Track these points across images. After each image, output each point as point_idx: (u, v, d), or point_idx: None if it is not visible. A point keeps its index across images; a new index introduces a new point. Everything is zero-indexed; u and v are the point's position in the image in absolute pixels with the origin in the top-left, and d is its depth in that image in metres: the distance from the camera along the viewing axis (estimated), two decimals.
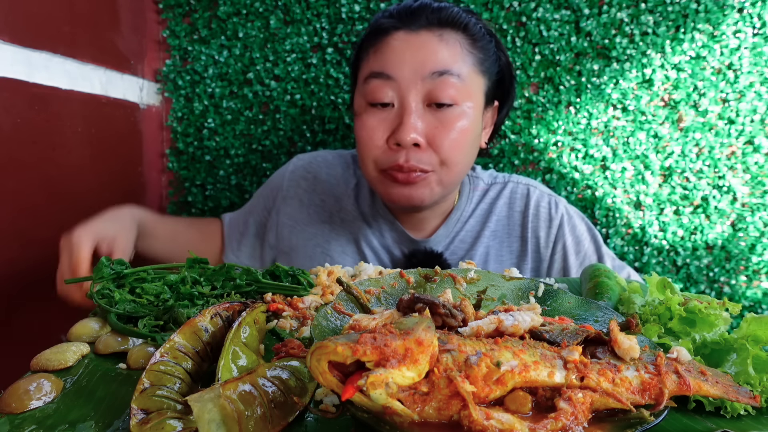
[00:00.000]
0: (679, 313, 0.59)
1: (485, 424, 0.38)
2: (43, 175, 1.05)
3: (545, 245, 1.14)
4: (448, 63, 0.96)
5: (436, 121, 0.97)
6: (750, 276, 1.38)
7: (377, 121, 0.98)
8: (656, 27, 1.33)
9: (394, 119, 0.97)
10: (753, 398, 0.47)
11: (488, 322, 0.48)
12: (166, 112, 1.51)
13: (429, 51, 0.96)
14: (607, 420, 0.43)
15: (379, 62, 0.98)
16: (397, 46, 0.97)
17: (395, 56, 0.97)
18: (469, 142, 1.00)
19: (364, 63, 1.02)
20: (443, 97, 0.95)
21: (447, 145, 0.97)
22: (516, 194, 1.16)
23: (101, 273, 0.71)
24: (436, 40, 0.97)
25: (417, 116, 0.96)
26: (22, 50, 0.98)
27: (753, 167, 1.34)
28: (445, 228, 1.13)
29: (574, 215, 1.16)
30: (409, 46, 0.97)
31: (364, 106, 1.01)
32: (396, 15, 1.00)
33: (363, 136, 1.00)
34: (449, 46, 0.97)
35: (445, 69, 0.95)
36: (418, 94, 0.96)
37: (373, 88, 0.98)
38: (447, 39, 0.97)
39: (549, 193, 1.17)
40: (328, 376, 0.38)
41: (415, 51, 0.96)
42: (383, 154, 0.99)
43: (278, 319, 0.68)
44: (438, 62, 0.95)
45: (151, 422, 0.42)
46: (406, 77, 0.96)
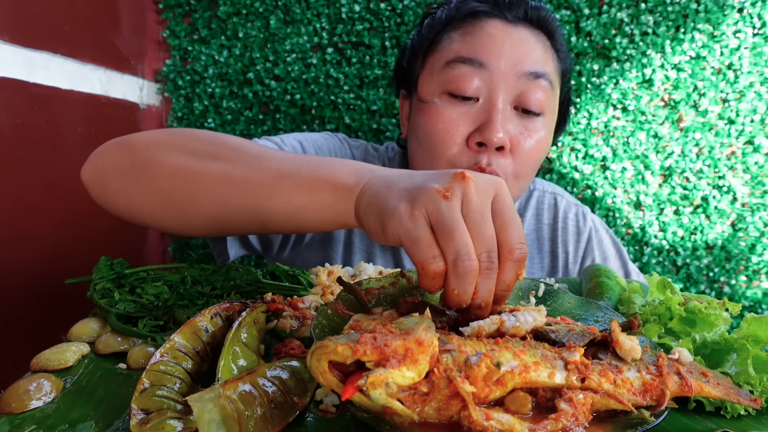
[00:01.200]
0: (679, 313, 0.59)
1: (485, 424, 0.38)
2: (43, 175, 1.05)
3: (573, 260, 1.07)
4: (543, 65, 0.87)
5: (521, 126, 0.88)
6: (750, 276, 1.38)
7: (458, 113, 0.87)
8: (656, 27, 1.33)
9: (477, 115, 0.87)
10: (754, 401, 0.47)
11: (490, 322, 0.48)
12: (166, 112, 1.51)
13: (529, 48, 0.87)
14: (607, 421, 0.43)
15: (470, 47, 0.87)
16: (495, 34, 0.86)
17: (493, 44, 0.86)
18: (543, 156, 0.93)
19: (447, 45, 0.90)
20: (533, 103, 0.87)
21: (526, 154, 0.88)
22: (543, 204, 1.09)
23: (101, 273, 0.71)
24: (534, 38, 0.88)
25: (504, 116, 0.86)
26: (22, 50, 0.98)
27: (753, 167, 1.34)
28: None
29: (601, 228, 1.09)
30: (508, 36, 0.86)
31: (438, 93, 0.89)
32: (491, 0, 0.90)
33: (439, 129, 0.88)
34: (545, 49, 0.89)
35: (542, 71, 0.87)
36: (509, 92, 0.87)
37: (459, 75, 0.86)
38: (543, 41, 0.90)
39: (576, 203, 1.11)
40: (328, 376, 0.38)
41: (514, 44, 0.86)
42: (461, 153, 0.88)
43: (278, 319, 0.68)
44: (536, 62, 0.87)
45: (151, 422, 0.42)
46: (501, 69, 0.85)
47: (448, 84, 0.87)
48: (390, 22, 1.40)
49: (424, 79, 0.93)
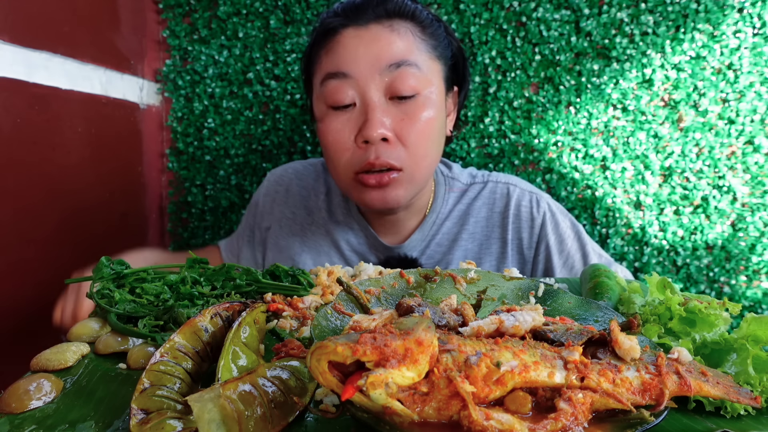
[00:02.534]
0: (679, 313, 0.59)
1: (485, 424, 0.38)
2: (43, 175, 1.05)
3: (528, 246, 1.10)
4: (403, 53, 0.93)
5: (401, 113, 0.94)
6: (750, 276, 1.38)
7: (341, 122, 0.95)
8: (656, 27, 1.33)
9: (358, 118, 0.94)
10: (754, 399, 0.47)
11: (489, 322, 0.48)
12: (166, 112, 1.51)
13: (382, 43, 0.93)
14: (607, 420, 0.43)
15: (333, 62, 0.95)
16: (349, 43, 0.94)
17: (348, 53, 0.93)
18: (436, 131, 0.98)
19: (317, 66, 0.99)
20: (404, 89, 0.92)
21: (414, 136, 0.94)
22: (495, 194, 1.13)
23: (101, 273, 0.71)
24: (388, 31, 0.94)
25: (381, 111, 0.93)
26: (22, 50, 0.98)
27: (753, 167, 1.34)
28: (420, 232, 1.10)
29: (557, 212, 1.12)
30: (360, 41, 0.93)
31: (324, 110, 0.97)
32: (342, 12, 0.97)
33: (330, 141, 0.97)
34: (402, 36, 0.94)
35: (402, 60, 0.92)
36: (379, 88, 0.93)
37: (332, 89, 0.94)
38: (398, 29, 0.94)
39: (530, 190, 1.13)
40: (328, 376, 0.38)
41: (367, 45, 0.93)
42: (353, 155, 0.96)
43: (278, 319, 0.68)
44: (393, 54, 0.92)
45: (151, 422, 0.42)
46: (363, 73, 0.92)
47: (327, 99, 0.96)
48: None
49: (314, 102, 1.02)
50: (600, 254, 1.12)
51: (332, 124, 0.96)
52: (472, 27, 1.38)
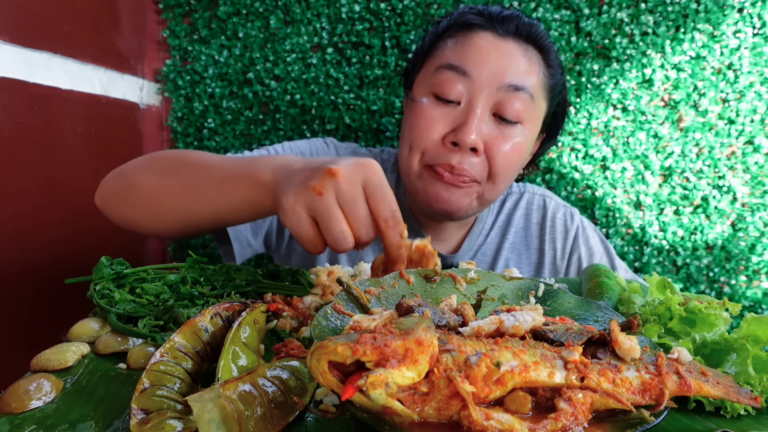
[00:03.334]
0: (679, 313, 0.59)
1: (485, 424, 0.38)
2: (43, 176, 1.05)
3: (561, 257, 1.14)
4: (525, 79, 0.94)
5: (497, 131, 0.94)
6: (750, 276, 1.38)
7: (439, 114, 0.94)
8: (656, 27, 1.33)
9: (457, 117, 0.94)
10: (754, 399, 0.47)
11: (489, 322, 0.48)
12: (166, 112, 1.51)
13: (513, 61, 0.94)
14: (607, 420, 0.43)
15: (458, 55, 0.94)
16: (483, 46, 0.94)
17: (478, 54, 0.93)
18: (519, 161, 0.99)
19: (441, 52, 0.98)
20: (510, 112, 0.93)
21: (501, 158, 0.94)
22: (532, 205, 1.17)
23: (101, 273, 0.71)
24: (522, 52, 0.95)
25: (481, 120, 0.93)
26: (22, 50, 0.98)
27: (753, 167, 1.34)
28: (469, 241, 1.12)
29: (588, 227, 1.17)
30: (495, 48, 0.94)
31: (426, 94, 0.96)
32: (486, 15, 0.97)
33: (420, 126, 0.95)
34: (531, 63, 0.95)
35: (522, 84, 0.93)
36: (489, 100, 0.93)
37: (445, 79, 0.94)
38: (530, 56, 0.96)
39: (564, 204, 1.18)
40: (328, 376, 0.38)
41: (499, 56, 0.93)
42: (436, 149, 0.95)
43: (278, 319, 0.68)
44: (518, 75, 0.93)
45: (151, 422, 0.42)
46: (482, 79, 0.92)
47: (435, 87, 0.95)
48: (390, 22, 1.40)
49: (418, 81, 1.01)
50: (626, 270, 1.15)
51: (429, 111, 0.95)
52: None
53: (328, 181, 0.64)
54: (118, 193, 0.88)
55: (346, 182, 0.65)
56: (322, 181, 0.64)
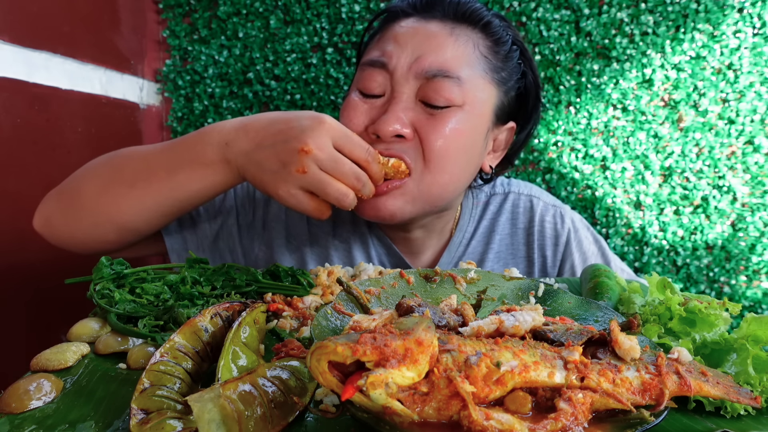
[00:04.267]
0: (679, 313, 0.59)
1: (485, 424, 0.38)
2: (43, 175, 1.05)
3: (552, 264, 1.05)
4: (448, 63, 0.84)
5: (427, 114, 0.85)
6: (750, 276, 1.38)
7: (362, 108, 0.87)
8: (656, 27, 1.33)
9: (379, 109, 0.86)
10: (754, 399, 0.47)
11: (489, 322, 0.48)
12: (166, 112, 1.51)
13: (436, 44, 0.85)
14: (607, 420, 0.43)
15: (378, 49, 0.88)
16: (402, 33, 0.87)
17: (396, 43, 0.86)
18: (462, 148, 0.86)
19: (367, 50, 0.93)
20: (438, 99, 0.84)
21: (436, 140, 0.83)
22: (518, 208, 1.06)
23: (101, 273, 0.71)
24: (446, 33, 0.86)
25: (404, 107, 0.84)
26: (22, 50, 0.98)
27: (753, 167, 1.34)
28: (448, 253, 1.02)
29: (581, 228, 1.06)
30: (414, 34, 0.86)
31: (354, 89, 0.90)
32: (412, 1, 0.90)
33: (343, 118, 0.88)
34: (458, 44, 0.86)
35: (443, 70, 0.84)
36: (412, 88, 0.85)
37: (366, 75, 0.88)
38: (458, 35, 0.86)
39: (553, 203, 1.07)
40: (328, 376, 0.38)
41: (420, 40, 0.85)
42: None
43: (278, 319, 0.68)
44: (438, 60, 0.84)
45: (151, 422, 0.42)
46: (401, 67, 0.85)
47: (359, 84, 0.89)
48: None
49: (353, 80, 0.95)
50: (622, 269, 1.06)
51: (352, 103, 0.88)
52: None
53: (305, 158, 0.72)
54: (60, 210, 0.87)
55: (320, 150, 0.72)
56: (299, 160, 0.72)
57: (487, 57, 0.88)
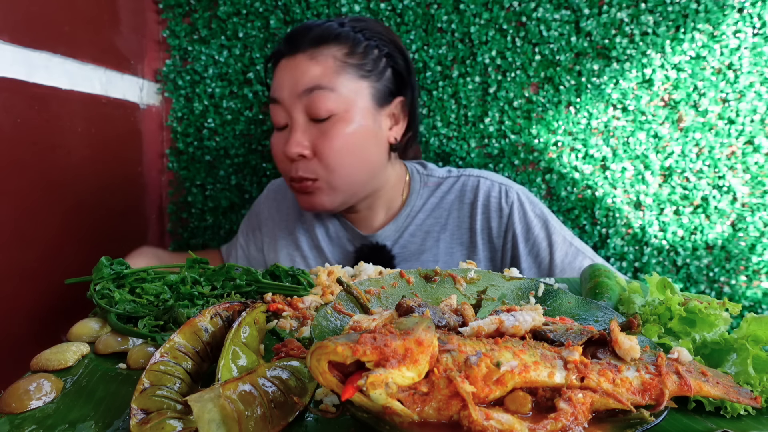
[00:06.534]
0: (679, 313, 0.59)
1: (485, 424, 0.38)
2: (43, 176, 1.05)
3: (497, 235, 1.16)
4: (318, 79, 1.03)
5: (318, 132, 1.05)
6: (750, 276, 1.38)
7: (278, 139, 1.10)
8: (656, 27, 1.33)
9: (286, 136, 1.07)
10: (754, 399, 0.47)
11: (489, 322, 0.48)
12: (166, 112, 1.51)
13: (300, 71, 1.04)
14: (607, 420, 0.43)
15: (272, 89, 1.09)
16: (280, 72, 1.08)
17: (279, 81, 1.07)
18: (356, 145, 1.07)
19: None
20: (319, 112, 1.03)
21: (327, 152, 1.04)
22: (466, 186, 1.19)
23: (101, 273, 0.71)
24: (307, 59, 1.05)
25: (301, 131, 1.05)
26: (22, 50, 0.98)
27: (753, 167, 1.34)
28: (394, 223, 1.19)
29: (526, 202, 1.16)
30: (287, 70, 1.06)
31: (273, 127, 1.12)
32: (283, 42, 1.10)
33: (273, 154, 1.12)
34: (319, 63, 1.04)
35: (314, 85, 1.03)
36: (301, 111, 1.05)
37: (272, 112, 1.09)
38: (317, 56, 1.05)
39: (501, 182, 1.18)
40: (328, 376, 0.38)
41: (290, 74, 1.05)
42: (285, 167, 1.10)
43: (278, 319, 0.68)
44: (308, 80, 1.03)
45: (151, 422, 0.42)
46: (287, 98, 1.05)
47: (271, 119, 1.11)
48: (390, 22, 1.40)
49: None
50: (571, 242, 1.14)
51: (273, 139, 1.12)
52: (472, 27, 1.38)
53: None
54: None
55: None
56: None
57: (346, 62, 1.06)
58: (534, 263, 1.14)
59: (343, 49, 1.06)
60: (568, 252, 1.12)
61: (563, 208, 1.42)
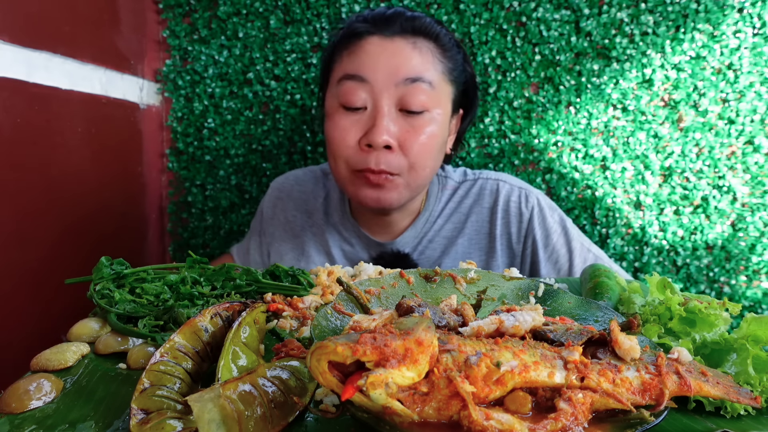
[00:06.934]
0: (679, 313, 0.59)
1: (485, 424, 0.38)
2: (43, 176, 1.05)
3: (517, 241, 1.14)
4: (420, 70, 0.99)
5: (407, 125, 0.99)
6: (750, 276, 1.38)
7: (350, 122, 1.01)
8: (656, 27, 1.33)
9: (366, 121, 1.00)
10: (754, 399, 0.47)
11: (489, 322, 0.48)
12: (166, 112, 1.51)
13: (403, 57, 0.99)
14: (607, 420, 0.43)
15: (353, 65, 1.00)
16: (372, 51, 1.00)
17: (370, 60, 0.99)
18: (437, 147, 1.03)
19: (338, 65, 1.04)
20: (414, 104, 0.98)
21: (416, 149, 0.99)
22: (485, 190, 1.17)
23: (101, 273, 0.71)
24: (410, 47, 0.99)
25: (389, 119, 0.98)
26: (22, 50, 0.98)
27: (753, 167, 1.34)
28: (413, 229, 1.15)
29: (546, 207, 1.15)
30: (383, 50, 0.99)
31: (336, 107, 1.02)
32: (370, 20, 1.02)
33: (335, 137, 1.02)
34: (422, 54, 1.00)
35: (417, 76, 0.98)
36: (391, 98, 0.99)
37: (347, 90, 1.00)
38: (420, 47, 1.00)
39: (520, 186, 1.17)
40: (328, 376, 0.38)
41: (389, 56, 0.99)
42: (355, 155, 1.01)
43: (278, 319, 0.68)
44: (411, 69, 0.98)
45: (151, 422, 0.42)
46: (379, 81, 0.98)
47: (341, 98, 1.01)
48: None
49: (327, 96, 1.08)
50: (589, 249, 1.14)
51: (341, 122, 1.01)
52: (472, 27, 1.38)
53: None
54: None
55: None
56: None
57: (442, 61, 1.03)
58: (553, 269, 1.13)
59: (438, 48, 1.02)
60: (587, 259, 1.12)
61: (563, 208, 1.42)
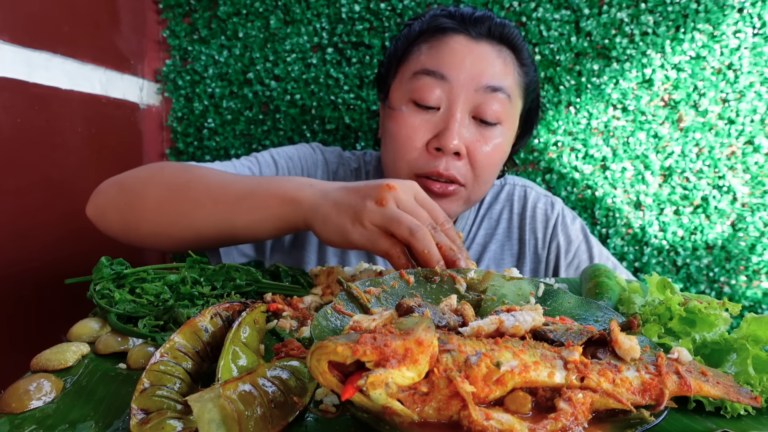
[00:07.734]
0: (679, 313, 0.59)
1: (485, 424, 0.38)
2: (43, 175, 1.05)
3: (542, 246, 1.15)
4: (501, 79, 0.95)
5: (478, 134, 0.95)
6: (750, 276, 1.38)
7: (420, 121, 0.95)
8: (656, 27, 1.33)
9: (438, 123, 0.94)
10: (754, 399, 0.47)
11: (489, 322, 0.48)
12: (166, 112, 1.51)
13: (487, 63, 0.94)
14: (607, 420, 0.42)
15: (434, 60, 0.94)
16: (458, 49, 0.94)
17: (454, 58, 0.93)
18: (500, 162, 1.01)
19: (415, 57, 0.97)
20: (490, 114, 0.94)
21: (484, 161, 0.96)
22: (513, 196, 1.18)
23: (101, 273, 0.71)
24: (495, 53, 0.95)
25: (463, 126, 0.94)
26: (22, 50, 0.98)
27: (753, 167, 1.34)
28: None
29: (568, 215, 1.17)
30: (469, 51, 0.94)
31: (405, 102, 0.96)
32: (458, 17, 0.97)
33: (402, 135, 0.96)
34: (505, 64, 0.96)
35: (498, 85, 0.94)
36: (467, 103, 0.94)
37: (423, 85, 0.94)
38: (504, 56, 0.96)
39: (545, 194, 1.19)
40: (328, 376, 0.38)
41: (474, 59, 0.94)
42: (421, 157, 0.96)
43: (278, 319, 0.68)
44: (493, 76, 0.94)
45: (151, 422, 0.42)
46: (461, 82, 0.93)
47: (413, 93, 0.95)
48: (390, 22, 1.40)
49: (394, 87, 1.01)
50: (608, 257, 1.16)
51: (410, 119, 0.95)
52: None
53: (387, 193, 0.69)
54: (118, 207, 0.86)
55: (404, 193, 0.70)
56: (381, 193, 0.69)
57: (520, 74, 0.99)
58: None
59: (519, 60, 0.99)
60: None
61: None
